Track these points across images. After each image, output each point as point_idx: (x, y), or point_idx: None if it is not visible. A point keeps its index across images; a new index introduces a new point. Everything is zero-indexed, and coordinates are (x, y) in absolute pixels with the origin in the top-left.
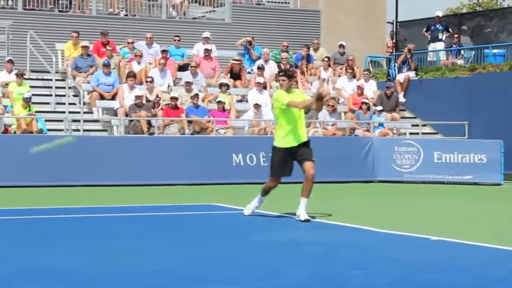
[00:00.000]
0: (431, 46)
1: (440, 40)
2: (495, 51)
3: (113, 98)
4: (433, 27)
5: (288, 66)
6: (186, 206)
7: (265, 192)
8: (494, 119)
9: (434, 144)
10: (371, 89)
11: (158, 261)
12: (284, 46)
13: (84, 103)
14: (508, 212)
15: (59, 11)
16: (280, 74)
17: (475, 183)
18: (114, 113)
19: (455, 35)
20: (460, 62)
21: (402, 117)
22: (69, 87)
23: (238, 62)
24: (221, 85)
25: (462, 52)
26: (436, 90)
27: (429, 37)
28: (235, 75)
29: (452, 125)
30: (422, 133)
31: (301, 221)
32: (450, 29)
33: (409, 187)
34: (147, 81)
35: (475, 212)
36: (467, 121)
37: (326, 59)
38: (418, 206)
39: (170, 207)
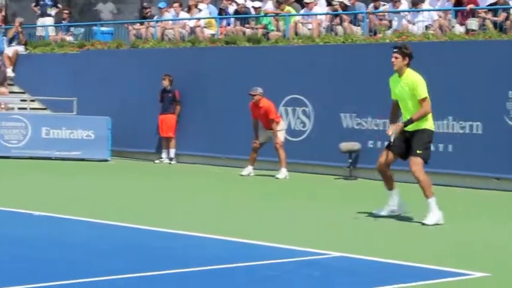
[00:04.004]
0: (40, 21)
1: (50, 15)
2: (103, 29)
3: None
4: (42, 2)
5: None
6: None
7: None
8: (103, 95)
9: (43, 120)
10: None
11: None
12: None
13: None
14: (114, 187)
15: None
16: (394, 49)
17: (83, 159)
18: None
19: (65, 11)
20: (69, 38)
21: (10, 92)
22: None
23: None
24: None
25: (72, 29)
26: (45, 66)
27: (38, 12)
28: None
29: (61, 101)
30: (31, 108)
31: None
32: (59, 5)
33: (16, 162)
34: None
35: (82, 188)
36: (76, 97)
37: None
38: (22, 182)
39: None
